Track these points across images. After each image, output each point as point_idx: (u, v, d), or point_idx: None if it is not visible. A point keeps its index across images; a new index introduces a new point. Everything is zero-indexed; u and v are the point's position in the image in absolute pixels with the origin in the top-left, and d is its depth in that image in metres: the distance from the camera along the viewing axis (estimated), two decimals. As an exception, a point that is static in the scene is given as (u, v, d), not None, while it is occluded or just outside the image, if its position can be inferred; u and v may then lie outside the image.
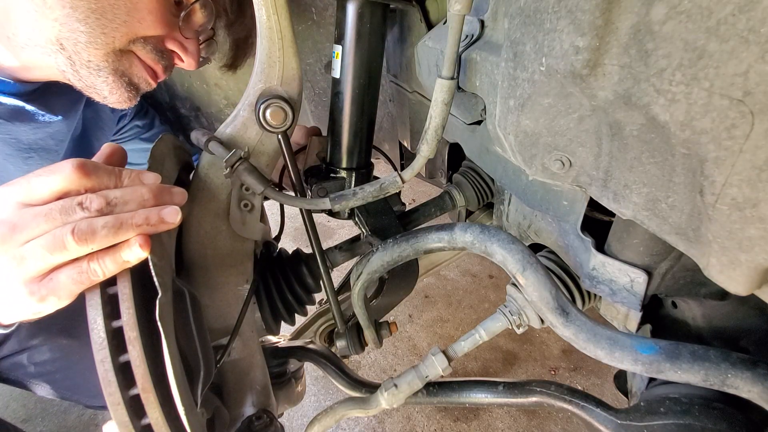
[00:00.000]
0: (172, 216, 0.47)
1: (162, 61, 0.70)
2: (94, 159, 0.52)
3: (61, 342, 0.91)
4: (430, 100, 0.51)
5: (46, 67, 0.67)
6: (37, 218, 0.43)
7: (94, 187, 0.46)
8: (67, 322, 0.89)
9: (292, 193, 0.67)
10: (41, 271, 0.44)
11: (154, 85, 0.73)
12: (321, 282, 0.77)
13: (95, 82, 0.66)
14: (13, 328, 0.50)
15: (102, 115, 0.94)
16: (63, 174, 0.44)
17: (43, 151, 0.80)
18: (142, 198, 0.47)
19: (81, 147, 0.90)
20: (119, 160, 0.54)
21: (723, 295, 0.53)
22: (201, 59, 0.77)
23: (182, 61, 0.73)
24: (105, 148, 0.53)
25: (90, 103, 0.78)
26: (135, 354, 0.44)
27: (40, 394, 0.95)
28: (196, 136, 0.62)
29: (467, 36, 0.52)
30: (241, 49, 0.88)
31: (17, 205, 0.44)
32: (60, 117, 0.79)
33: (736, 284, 0.34)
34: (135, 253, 0.45)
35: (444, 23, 0.63)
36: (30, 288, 0.44)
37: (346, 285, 0.93)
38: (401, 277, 0.80)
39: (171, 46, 0.70)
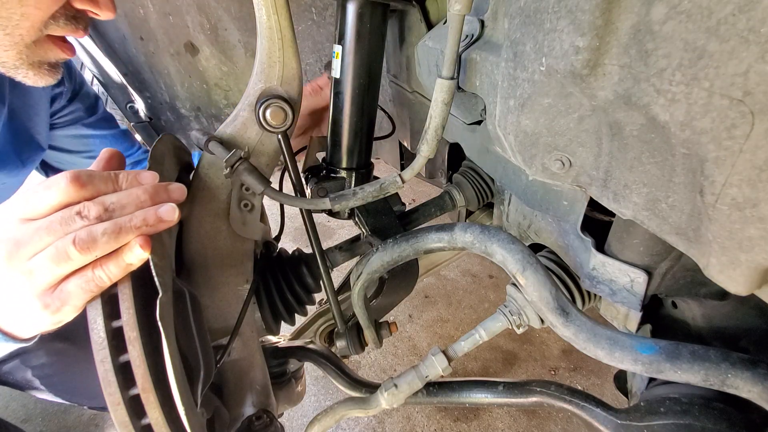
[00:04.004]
0: (170, 214, 0.47)
1: (79, 25, 0.67)
2: (93, 165, 0.52)
3: (56, 345, 0.90)
4: (430, 100, 0.51)
5: None
6: (39, 232, 0.43)
7: (91, 196, 0.46)
8: (62, 326, 0.89)
9: (293, 193, 0.67)
10: (50, 282, 0.44)
11: (74, 53, 0.71)
12: (321, 282, 0.77)
13: (15, 76, 0.65)
14: (35, 340, 0.50)
15: (29, 100, 0.90)
16: (59, 187, 0.44)
17: None
18: (138, 200, 0.47)
19: (15, 133, 0.86)
20: (118, 163, 0.54)
21: (723, 295, 0.53)
22: None
23: (97, 15, 0.69)
24: (103, 154, 0.53)
25: (14, 86, 0.74)
26: (135, 354, 0.44)
27: (41, 398, 0.94)
28: (196, 136, 0.62)
29: (467, 36, 0.52)
30: None
31: (19, 221, 0.44)
32: None
33: (736, 284, 0.33)
34: (136, 254, 0.45)
35: (444, 23, 0.63)
36: (43, 301, 0.44)
37: (346, 285, 0.93)
38: (401, 277, 0.80)
39: (80, 5, 0.67)
